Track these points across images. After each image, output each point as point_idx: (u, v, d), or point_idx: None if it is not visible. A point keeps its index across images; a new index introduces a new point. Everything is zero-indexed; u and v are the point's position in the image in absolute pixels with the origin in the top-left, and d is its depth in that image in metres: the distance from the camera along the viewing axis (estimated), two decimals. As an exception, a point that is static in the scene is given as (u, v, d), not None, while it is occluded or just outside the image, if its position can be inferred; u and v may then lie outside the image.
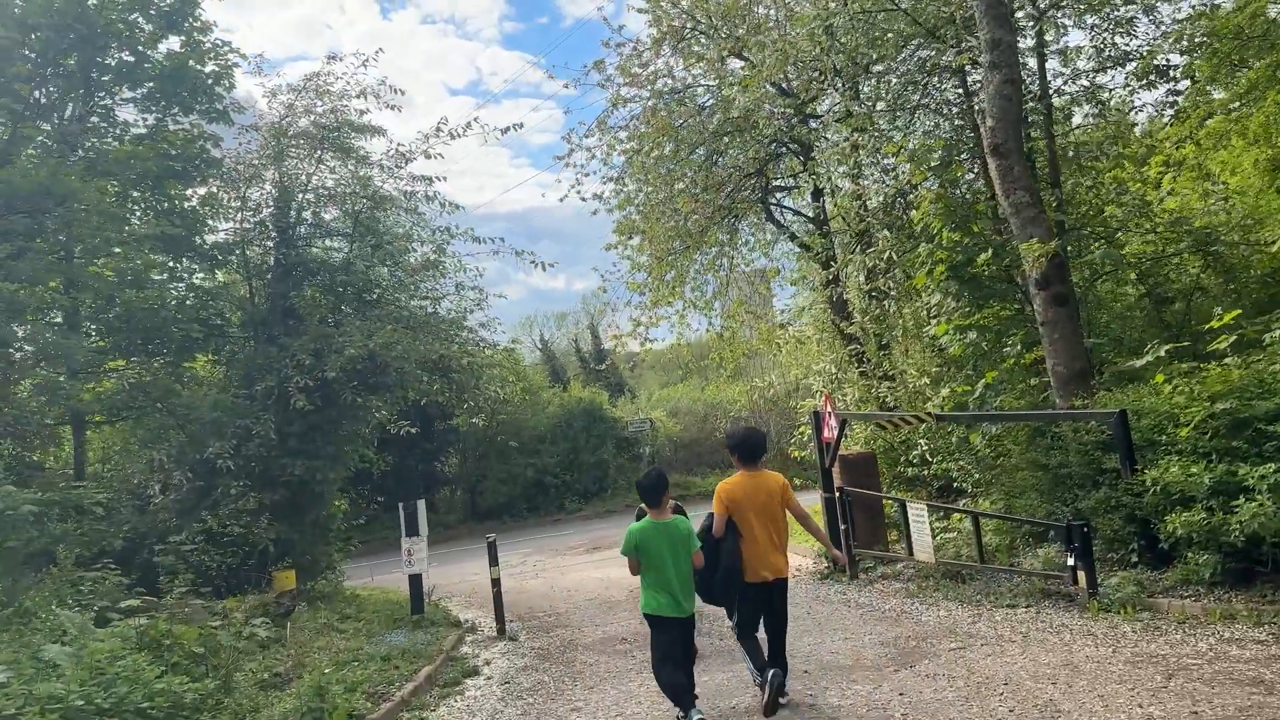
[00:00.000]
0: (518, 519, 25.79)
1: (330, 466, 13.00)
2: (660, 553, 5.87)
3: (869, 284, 12.48)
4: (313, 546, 13.56)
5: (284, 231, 14.74)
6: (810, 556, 14.09)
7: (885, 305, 12.12)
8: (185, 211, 14.27)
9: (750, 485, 6.28)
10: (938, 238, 10.07)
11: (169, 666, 6.33)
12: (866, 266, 12.37)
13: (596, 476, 26.50)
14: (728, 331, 19.65)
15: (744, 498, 6.23)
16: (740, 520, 6.21)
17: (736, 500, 6.23)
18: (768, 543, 6.22)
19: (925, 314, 11.06)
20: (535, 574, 17.11)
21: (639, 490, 6.10)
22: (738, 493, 6.26)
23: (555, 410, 27.23)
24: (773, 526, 6.27)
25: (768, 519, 6.25)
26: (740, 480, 6.32)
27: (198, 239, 14.30)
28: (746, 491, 6.25)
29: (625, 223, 16.70)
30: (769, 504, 6.25)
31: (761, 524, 6.22)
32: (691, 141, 16.17)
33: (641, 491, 6.08)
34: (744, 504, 6.23)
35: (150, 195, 14.29)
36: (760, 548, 6.19)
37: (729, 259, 18.98)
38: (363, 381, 12.82)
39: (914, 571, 11.12)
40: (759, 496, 6.23)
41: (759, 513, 6.22)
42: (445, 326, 13.85)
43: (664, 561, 5.86)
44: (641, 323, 18.87)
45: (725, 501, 6.25)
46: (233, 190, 14.77)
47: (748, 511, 6.21)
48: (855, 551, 11.66)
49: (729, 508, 6.23)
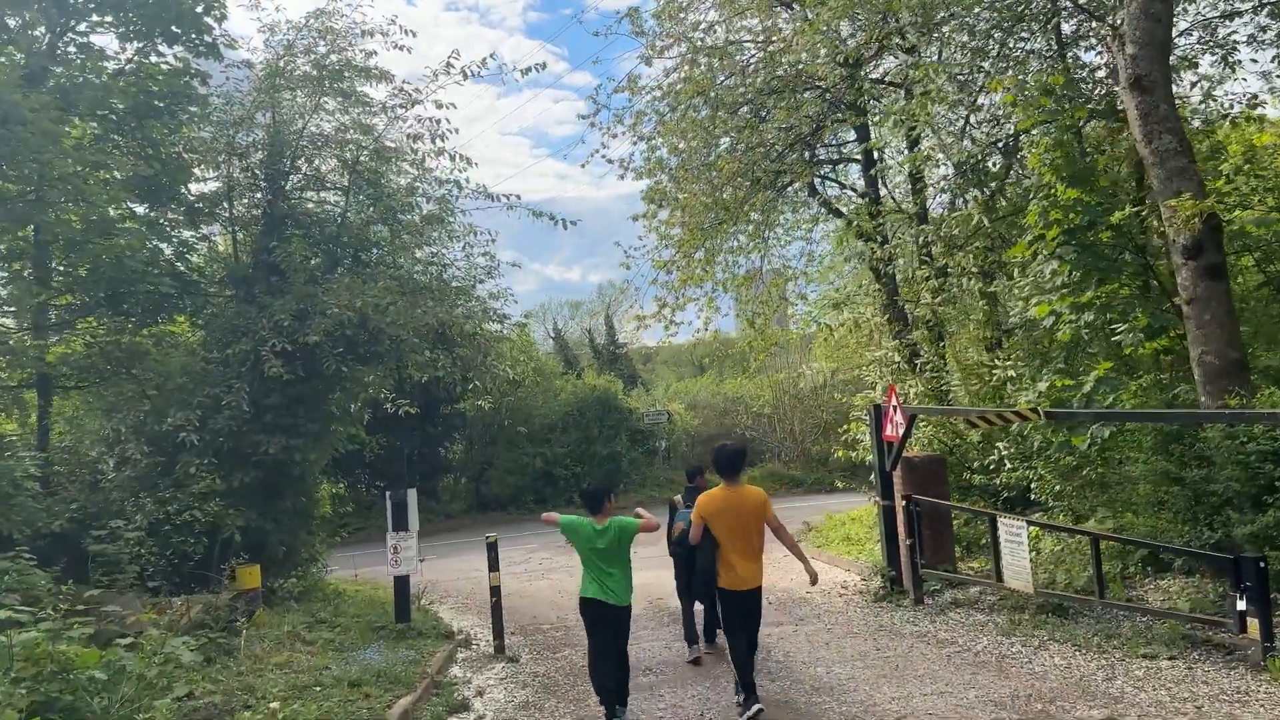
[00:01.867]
0: (524, 511, 23.83)
1: (312, 446, 11.07)
2: (586, 550, 6.43)
3: (940, 259, 10.50)
4: (290, 537, 11.65)
5: (274, 181, 12.84)
6: (855, 571, 12.11)
7: (962, 284, 10.14)
8: (169, 158, 12.38)
9: (728, 499, 6.45)
10: (1053, 195, 8.07)
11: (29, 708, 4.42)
12: (940, 237, 10.41)
13: (609, 470, 24.53)
14: (760, 317, 17.72)
15: (720, 511, 6.43)
16: (715, 531, 6.42)
17: (711, 513, 6.45)
18: (742, 554, 6.40)
19: (1018, 293, 9.11)
20: (542, 573, 15.19)
21: (582, 496, 6.73)
22: (715, 505, 6.46)
23: (567, 398, 25.26)
24: (747, 539, 6.43)
25: (743, 531, 6.41)
26: (718, 494, 6.52)
27: (182, 188, 12.41)
28: (724, 505, 6.44)
29: (655, 189, 14.72)
30: (744, 518, 6.42)
31: (736, 536, 6.40)
32: (731, 102, 14.20)
33: (584, 497, 6.68)
34: (719, 517, 6.43)
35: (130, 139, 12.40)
36: (734, 558, 6.39)
37: (763, 240, 17.04)
38: (352, 350, 10.89)
39: (995, 598, 9.14)
40: (735, 510, 6.41)
41: (734, 525, 6.40)
42: (449, 293, 11.90)
43: (589, 558, 6.43)
44: (667, 304, 16.95)
45: (703, 512, 6.47)
46: (221, 134, 12.87)
47: (722, 524, 6.41)
48: (922, 572, 9.69)
49: (705, 519, 6.46)
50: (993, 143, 9.91)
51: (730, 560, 6.35)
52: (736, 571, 6.33)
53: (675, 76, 14.90)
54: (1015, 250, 8.26)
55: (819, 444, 25.63)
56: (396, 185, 12.74)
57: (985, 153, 10.09)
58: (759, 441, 26.42)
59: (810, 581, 6.59)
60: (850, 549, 13.38)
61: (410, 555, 9.57)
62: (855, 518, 16.10)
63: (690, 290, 17.04)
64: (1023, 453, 10.70)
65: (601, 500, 6.51)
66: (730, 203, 15.53)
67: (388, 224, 13.14)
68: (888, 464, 10.21)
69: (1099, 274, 7.92)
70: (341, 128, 13.04)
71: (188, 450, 10.27)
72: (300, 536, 12.15)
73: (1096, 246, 8.00)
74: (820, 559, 13.70)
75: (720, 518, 6.40)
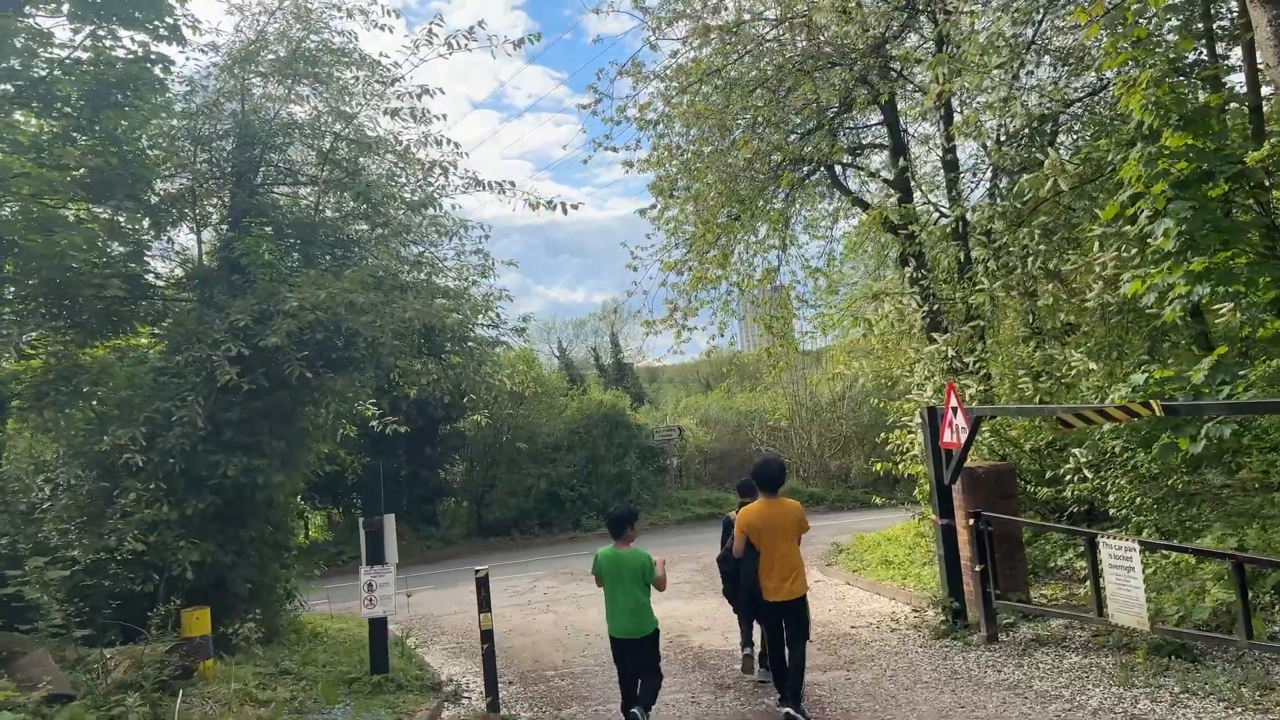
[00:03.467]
0: (528, 535, 22.22)
1: (279, 467, 9.51)
2: (615, 579, 6.28)
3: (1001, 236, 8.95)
4: (257, 571, 10.07)
5: (243, 174, 11.40)
6: (902, 599, 10.49)
7: (1026, 264, 8.58)
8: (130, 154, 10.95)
9: (770, 512, 6.49)
10: (1158, 141, 6.54)
11: None
12: (999, 212, 8.87)
13: (618, 490, 22.90)
14: (779, 321, 16.20)
15: (764, 524, 6.44)
16: (759, 544, 6.41)
17: (756, 526, 6.46)
18: (785, 566, 6.38)
19: (1099, 270, 7.59)
20: (546, 605, 13.57)
21: (606, 520, 6.62)
22: (758, 519, 6.48)
23: (573, 414, 23.67)
24: (789, 550, 6.45)
25: (785, 544, 6.42)
26: (760, 507, 6.55)
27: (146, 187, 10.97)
28: (766, 518, 6.46)
29: (665, 179, 13.22)
30: (786, 529, 6.45)
31: (779, 548, 6.39)
32: (747, 80, 12.73)
33: (608, 521, 6.58)
34: (763, 529, 6.43)
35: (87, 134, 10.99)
36: (778, 571, 6.37)
37: (784, 227, 15.54)
38: (323, 355, 9.36)
39: (1088, 635, 7.54)
40: (778, 523, 6.43)
41: (777, 538, 6.40)
42: (436, 292, 10.38)
43: (615, 587, 6.28)
44: (678, 307, 15.42)
45: (745, 527, 6.50)
46: (185, 124, 11.46)
47: (766, 536, 6.40)
48: (996, 604, 8.08)
49: (749, 532, 6.47)
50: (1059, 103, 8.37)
51: (773, 571, 6.38)
52: (783, 582, 6.37)
53: (685, 56, 13.47)
54: (1107, 212, 6.74)
55: (839, 459, 24.03)
56: (377, 174, 11.27)
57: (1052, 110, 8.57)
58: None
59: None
60: (892, 574, 11.76)
61: (388, 593, 7.99)
62: (891, 537, 14.48)
63: (703, 293, 15.61)
64: (1095, 461, 9.13)
65: (624, 525, 6.43)
66: (747, 194, 14.07)
67: (368, 219, 11.67)
68: (946, 476, 8.63)
69: (1221, 236, 6.37)
70: (316, 114, 11.63)
71: (131, 474, 8.74)
72: (271, 570, 10.57)
73: (1213, 204, 6.47)
74: (858, 585, 12.08)
75: (763, 530, 6.42)
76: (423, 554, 21.38)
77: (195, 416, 8.95)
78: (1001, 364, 10.22)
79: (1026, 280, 8.87)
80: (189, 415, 8.94)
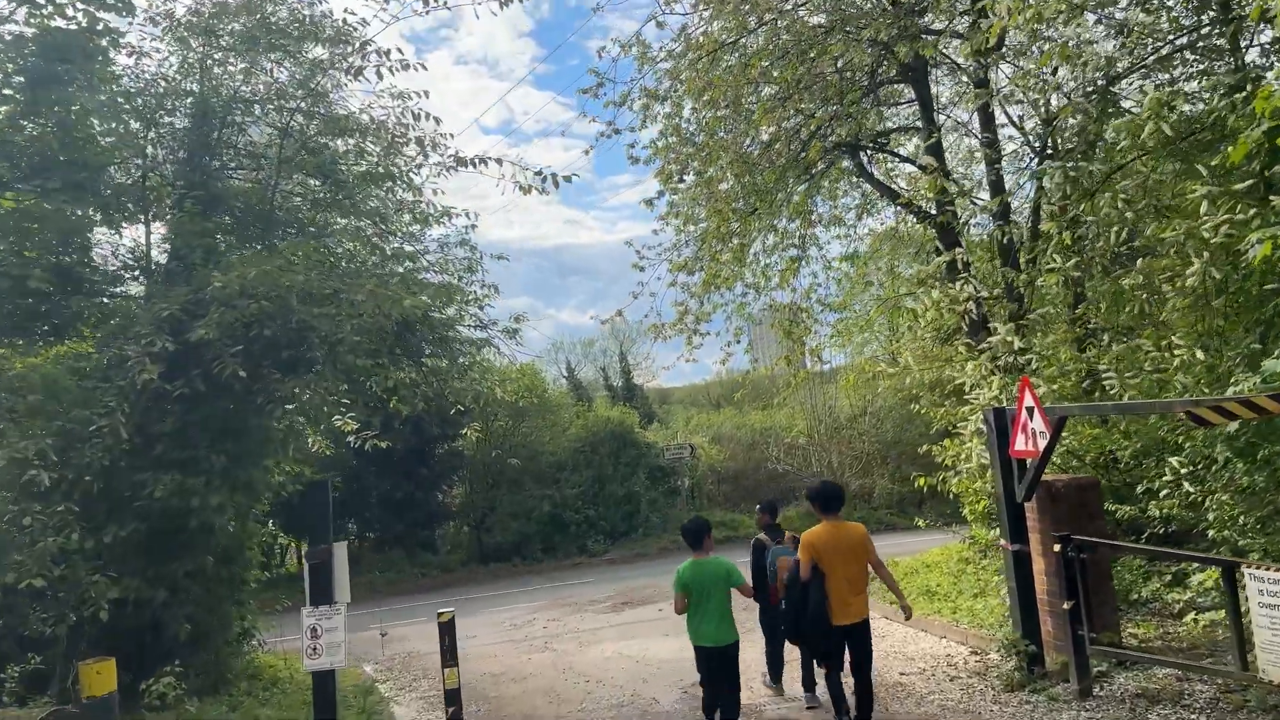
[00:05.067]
0: (530, 562, 20.56)
1: (219, 487, 7.95)
2: (702, 589, 6.18)
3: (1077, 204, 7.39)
4: (201, 611, 8.52)
5: (197, 156, 9.99)
6: (958, 638, 8.85)
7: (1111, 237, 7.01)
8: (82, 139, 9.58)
9: (834, 534, 6.34)
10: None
11: None
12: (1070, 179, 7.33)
13: (626, 512, 21.27)
14: (799, 327, 14.64)
15: (828, 545, 6.27)
16: (824, 566, 6.25)
17: (820, 548, 6.28)
18: (850, 588, 6.25)
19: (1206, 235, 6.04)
20: (544, 642, 11.94)
21: (683, 533, 6.53)
22: (822, 541, 6.30)
23: (578, 432, 22.06)
24: (857, 571, 6.30)
25: (850, 566, 6.28)
26: (824, 529, 6.37)
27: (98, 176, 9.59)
28: (830, 540, 6.29)
29: (675, 161, 11.71)
30: (850, 552, 6.30)
31: (844, 571, 6.25)
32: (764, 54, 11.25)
33: (684, 534, 6.50)
34: (827, 551, 6.26)
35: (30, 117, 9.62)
36: (843, 592, 6.23)
37: (803, 231, 14.04)
38: (270, 354, 7.86)
39: (1211, 691, 5.89)
40: (842, 545, 6.29)
41: (842, 560, 6.26)
42: (412, 285, 8.85)
43: (704, 597, 6.18)
44: (689, 310, 13.88)
45: (811, 549, 6.30)
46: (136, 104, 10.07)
47: (831, 558, 6.25)
48: (1091, 649, 6.43)
49: (814, 554, 6.28)
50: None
51: (841, 594, 6.25)
52: (848, 605, 6.25)
53: (696, 30, 12.01)
54: (1238, 151, 5.22)
55: (862, 478, 22.34)
56: (343, 151, 9.81)
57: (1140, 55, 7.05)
58: (793, 476, 23.14)
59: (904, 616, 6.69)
60: (939, 606, 10.09)
61: (336, 640, 6.41)
62: (930, 563, 12.79)
63: (717, 295, 14.09)
64: (1198, 471, 7.51)
65: (701, 535, 6.37)
66: (765, 184, 12.57)
67: (339, 207, 10.20)
68: (1019, 491, 7.02)
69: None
70: (280, 87, 10.21)
71: (37, 495, 7.22)
72: (220, 609, 9.02)
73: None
74: (901, 621, 10.43)
75: (830, 552, 6.26)
76: (418, 582, 19.77)
77: (118, 427, 7.44)
78: (1063, 358, 8.62)
79: (1107, 257, 7.31)
80: (110, 425, 7.43)
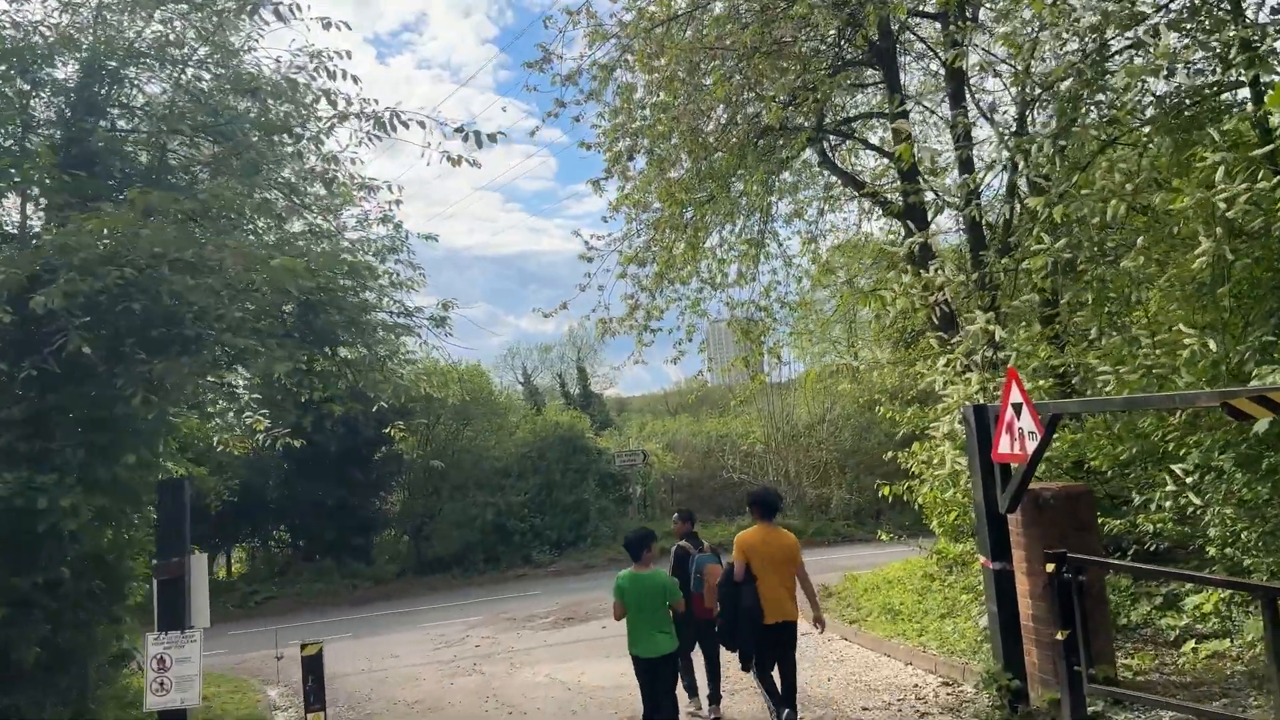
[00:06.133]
0: (471, 573, 19.31)
1: (70, 488, 6.68)
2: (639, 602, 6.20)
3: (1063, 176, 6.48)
4: (61, 633, 7.24)
5: (81, 115, 8.72)
6: (924, 665, 7.88)
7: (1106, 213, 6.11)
8: None
9: (767, 537, 6.49)
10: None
11: None
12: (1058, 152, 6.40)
13: (574, 521, 20.12)
14: (757, 328, 13.72)
15: (761, 548, 6.42)
16: (757, 568, 6.36)
17: (755, 549, 6.42)
18: (781, 589, 6.39)
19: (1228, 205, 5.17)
20: (473, 663, 10.78)
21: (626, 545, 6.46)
22: (756, 543, 6.45)
23: (526, 436, 20.88)
24: (786, 575, 6.46)
25: (782, 569, 6.43)
26: (758, 532, 6.51)
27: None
28: (764, 542, 6.44)
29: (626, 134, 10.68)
30: (782, 554, 6.47)
31: (776, 573, 6.40)
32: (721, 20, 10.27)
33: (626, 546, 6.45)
34: (761, 552, 6.40)
35: None
36: (775, 593, 6.36)
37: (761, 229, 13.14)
38: (137, 331, 6.65)
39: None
40: (774, 548, 6.45)
41: (774, 562, 6.41)
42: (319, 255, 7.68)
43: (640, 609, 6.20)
44: (639, 305, 12.88)
45: (745, 550, 6.43)
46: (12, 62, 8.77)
47: (764, 560, 6.38)
48: (1089, 688, 5.46)
49: (748, 556, 6.40)
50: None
51: (775, 594, 6.34)
52: (783, 604, 6.35)
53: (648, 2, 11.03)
54: (1274, 98, 4.36)
55: (819, 488, 21.46)
56: (246, 109, 8.61)
57: None
58: (749, 485, 22.18)
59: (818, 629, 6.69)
60: (903, 628, 9.13)
61: (189, 673, 5.23)
62: (891, 579, 11.83)
63: (670, 290, 13.10)
64: (1200, 483, 6.63)
65: (642, 547, 6.35)
66: (723, 169, 11.61)
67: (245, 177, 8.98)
68: (1002, 501, 6.06)
69: None
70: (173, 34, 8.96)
71: None
72: (88, 628, 7.74)
73: None
74: (860, 643, 9.43)
75: (763, 554, 6.38)
76: (349, 594, 18.44)
77: (-55, 415, 6.20)
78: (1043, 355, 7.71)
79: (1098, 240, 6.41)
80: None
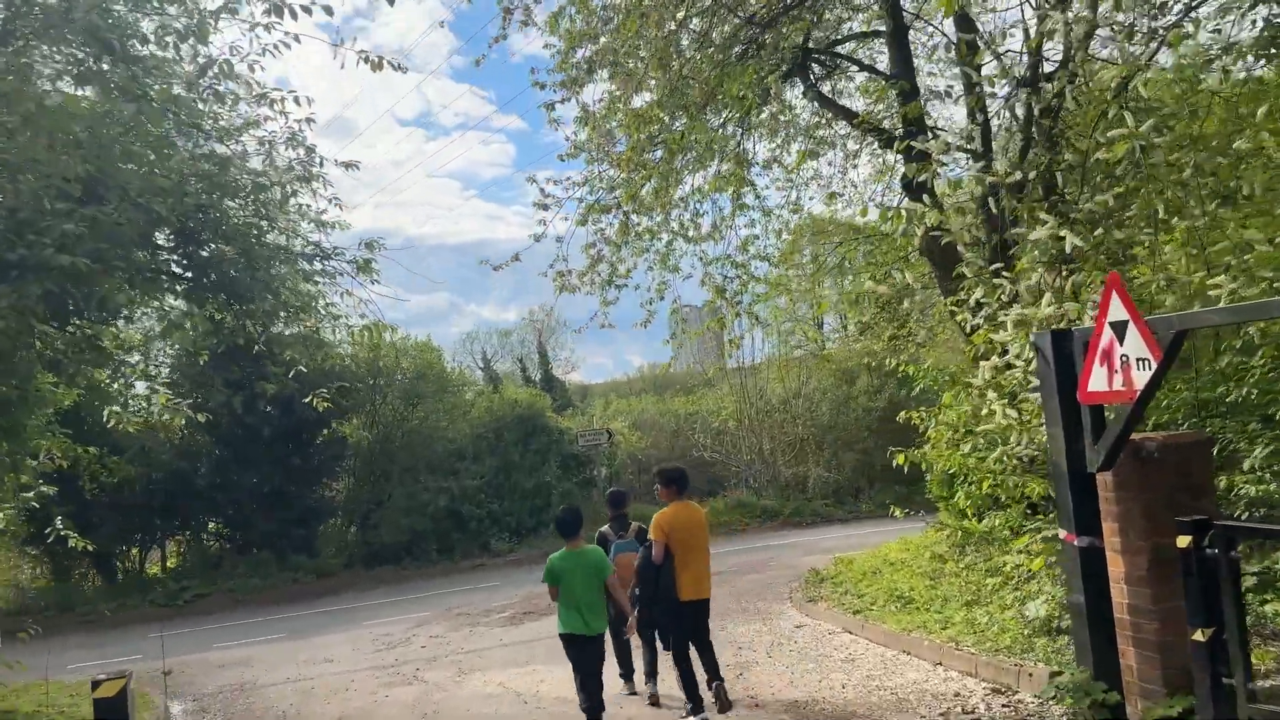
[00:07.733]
0: (423, 564, 17.54)
1: None
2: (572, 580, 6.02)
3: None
4: None
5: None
6: (958, 665, 6.36)
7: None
8: None
9: (684, 514, 6.43)
10: None
11: None
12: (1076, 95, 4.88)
13: (535, 506, 18.44)
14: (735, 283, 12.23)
15: (680, 525, 6.35)
16: (676, 545, 6.31)
17: (674, 527, 6.34)
18: (699, 566, 6.37)
19: None
20: (415, 669, 9.11)
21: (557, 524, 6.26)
22: (676, 521, 6.36)
23: (481, 415, 19.12)
24: (704, 550, 6.45)
25: (698, 544, 6.40)
26: (675, 510, 6.44)
27: None
28: (683, 520, 6.39)
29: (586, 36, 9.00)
30: (699, 529, 6.45)
31: (696, 548, 6.37)
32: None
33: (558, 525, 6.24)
34: (680, 530, 6.34)
35: None
36: (693, 570, 6.33)
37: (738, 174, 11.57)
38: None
39: None
40: (692, 523, 6.42)
41: (693, 537, 6.38)
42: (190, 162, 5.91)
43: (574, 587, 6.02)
44: (602, 257, 11.28)
45: (665, 530, 6.32)
46: None
47: (684, 537, 6.33)
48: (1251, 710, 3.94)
49: (667, 535, 6.31)
50: None
51: (695, 571, 6.32)
52: (699, 582, 6.34)
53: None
54: None
55: (795, 466, 20.02)
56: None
57: None
58: (721, 465, 20.69)
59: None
60: (924, 620, 7.61)
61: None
62: (893, 560, 10.35)
63: (638, 242, 11.53)
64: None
65: (576, 527, 6.14)
66: (695, 99, 10.00)
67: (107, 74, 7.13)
68: (1093, 457, 4.52)
69: None
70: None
71: None
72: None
73: None
74: (870, 637, 7.90)
75: (683, 531, 6.34)
76: (289, 589, 16.58)
77: None
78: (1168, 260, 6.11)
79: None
80: None
